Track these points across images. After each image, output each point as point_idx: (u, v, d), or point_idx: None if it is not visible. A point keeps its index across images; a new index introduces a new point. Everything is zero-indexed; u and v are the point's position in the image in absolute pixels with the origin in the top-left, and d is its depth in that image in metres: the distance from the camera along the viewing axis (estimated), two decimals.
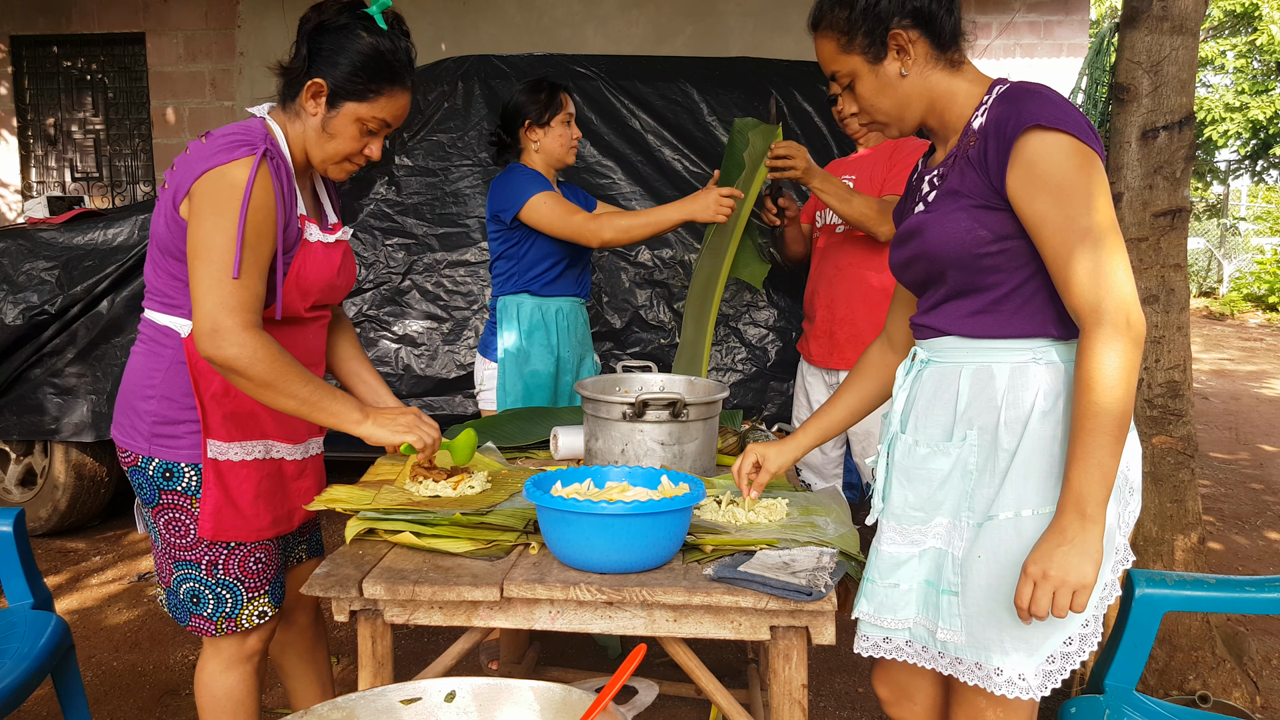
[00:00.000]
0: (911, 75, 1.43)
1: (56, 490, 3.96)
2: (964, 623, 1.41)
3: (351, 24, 1.66)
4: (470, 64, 3.98)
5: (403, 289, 3.90)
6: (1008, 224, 1.36)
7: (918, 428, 1.50)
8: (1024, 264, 1.37)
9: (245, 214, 1.57)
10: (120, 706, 2.70)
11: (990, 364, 1.41)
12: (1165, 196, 2.53)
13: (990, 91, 1.41)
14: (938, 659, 1.46)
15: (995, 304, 1.40)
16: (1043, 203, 1.29)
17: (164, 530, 1.74)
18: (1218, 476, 5.24)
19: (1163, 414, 2.56)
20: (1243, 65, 15.70)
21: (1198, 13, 2.50)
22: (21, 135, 6.92)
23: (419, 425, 1.75)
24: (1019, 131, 1.30)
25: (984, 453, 1.41)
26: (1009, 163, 1.31)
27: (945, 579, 1.44)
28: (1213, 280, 15.01)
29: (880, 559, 1.52)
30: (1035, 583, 1.28)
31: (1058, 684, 1.38)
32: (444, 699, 1.10)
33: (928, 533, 1.47)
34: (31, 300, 3.75)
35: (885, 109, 1.47)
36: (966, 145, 1.40)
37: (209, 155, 1.60)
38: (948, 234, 1.39)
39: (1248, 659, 2.66)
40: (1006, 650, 1.38)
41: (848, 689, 2.82)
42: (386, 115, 1.72)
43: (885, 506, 1.54)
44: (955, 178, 1.40)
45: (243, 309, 1.57)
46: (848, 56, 1.44)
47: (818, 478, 3.06)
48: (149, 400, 1.72)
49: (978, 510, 1.41)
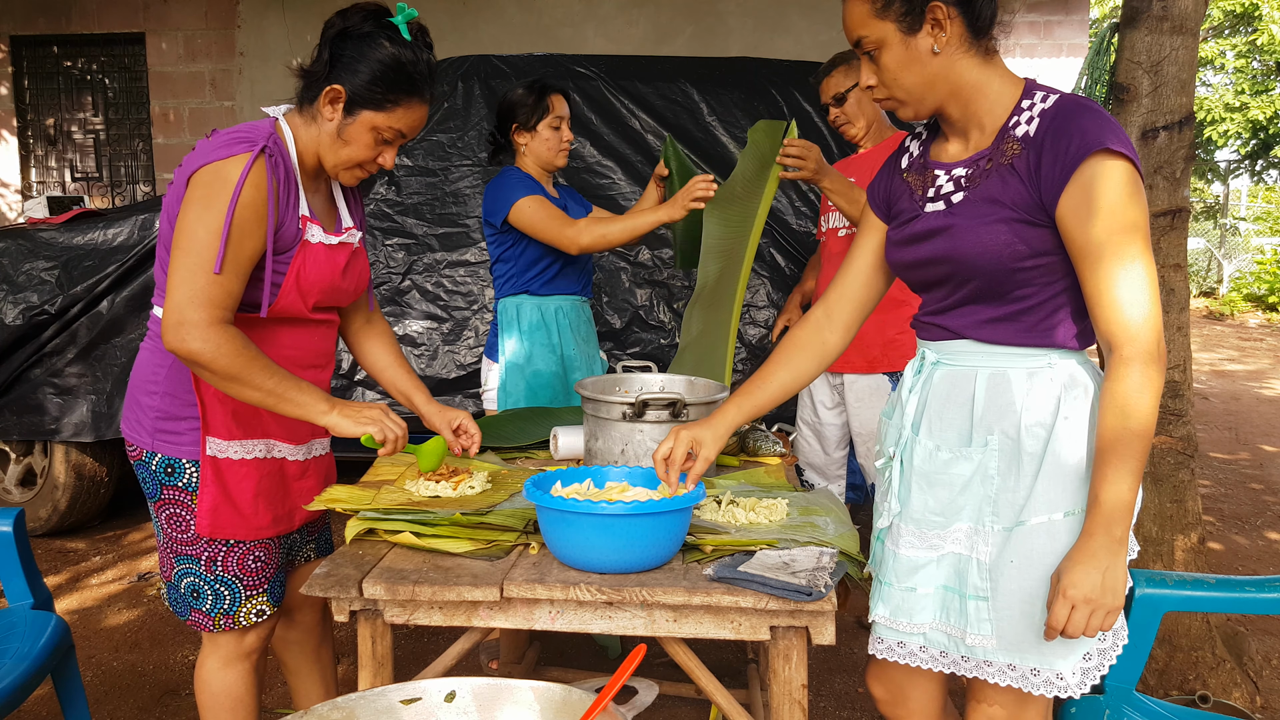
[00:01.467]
0: (943, 54, 1.36)
1: (56, 490, 3.96)
2: (994, 626, 1.41)
3: (375, 32, 1.67)
4: (470, 64, 3.98)
5: (403, 289, 3.90)
6: (1048, 240, 1.34)
7: (933, 432, 1.48)
8: (1056, 279, 1.36)
9: (233, 210, 1.57)
10: (120, 706, 2.70)
11: (1006, 369, 1.40)
12: (1165, 196, 2.53)
13: (1031, 95, 1.37)
14: (961, 663, 1.46)
15: (1017, 315, 1.39)
16: (1095, 228, 1.28)
17: (165, 525, 1.76)
18: (1218, 476, 5.24)
19: (1163, 414, 2.56)
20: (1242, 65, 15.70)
21: (1198, 13, 2.50)
22: (21, 135, 6.92)
23: (383, 419, 1.73)
24: (1085, 154, 1.27)
25: (1006, 457, 1.40)
26: (1067, 183, 1.29)
27: (971, 584, 1.43)
28: (1213, 280, 15.01)
29: (899, 563, 1.51)
30: (1074, 605, 1.29)
31: (1096, 680, 1.39)
32: (444, 699, 1.10)
33: (947, 537, 1.46)
34: (31, 300, 3.75)
35: (908, 85, 1.40)
36: (1008, 151, 1.36)
37: (209, 151, 1.61)
38: (984, 245, 1.36)
39: (1248, 659, 2.66)
40: (1043, 651, 1.38)
41: (848, 689, 2.82)
42: (402, 126, 1.72)
43: (903, 510, 1.52)
44: (995, 185, 1.36)
45: (211, 304, 1.57)
46: (880, 22, 1.37)
47: (821, 478, 3.06)
48: (152, 396, 1.74)
49: (1004, 515, 1.40)
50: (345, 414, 1.70)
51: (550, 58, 4.12)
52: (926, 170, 1.49)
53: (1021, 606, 1.39)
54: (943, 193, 1.44)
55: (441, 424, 1.98)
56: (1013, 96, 1.39)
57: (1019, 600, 1.39)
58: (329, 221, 1.81)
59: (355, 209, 1.91)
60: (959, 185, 1.42)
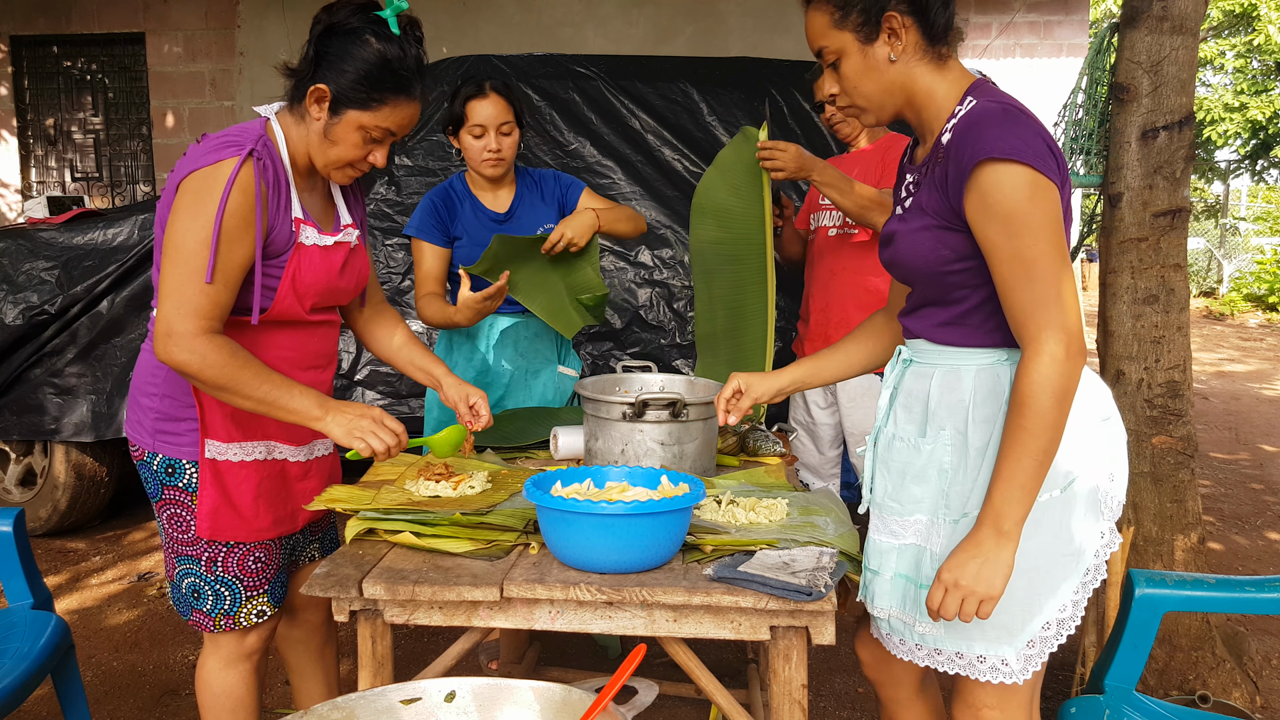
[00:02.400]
0: (900, 62, 1.43)
1: (56, 490, 3.96)
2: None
3: (361, 28, 1.62)
4: (470, 64, 3.98)
5: (403, 289, 3.90)
6: (968, 244, 1.39)
7: (896, 422, 1.55)
8: (986, 281, 1.40)
9: (220, 218, 1.55)
10: (120, 706, 2.70)
11: (958, 366, 1.46)
12: (1165, 196, 2.53)
13: (963, 101, 1.42)
14: (914, 651, 1.51)
15: (962, 317, 1.45)
16: (994, 230, 1.32)
17: (167, 525, 1.77)
18: (1218, 476, 5.24)
19: (1163, 414, 2.56)
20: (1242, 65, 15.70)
21: (1198, 13, 2.50)
22: (21, 135, 6.93)
23: (375, 431, 1.67)
24: (974, 163, 1.32)
25: (957, 452, 1.45)
26: (965, 190, 1.34)
27: (924, 574, 1.48)
28: (1213, 280, 15.00)
29: (870, 545, 1.57)
30: (947, 589, 1.35)
31: (1038, 667, 1.45)
32: (444, 699, 1.10)
33: (907, 527, 1.51)
34: (31, 300, 3.75)
35: (866, 93, 1.46)
36: (935, 161, 1.42)
37: (198, 157, 1.59)
38: (915, 250, 1.44)
39: (1248, 659, 2.66)
40: (988, 638, 1.43)
41: (848, 689, 2.82)
42: (391, 125, 1.68)
43: (871, 496, 1.58)
44: (925, 193, 1.44)
45: (199, 315, 1.56)
46: (839, 32, 1.43)
47: (815, 478, 3.06)
48: (152, 397, 1.74)
49: (954, 507, 1.45)
50: (338, 421, 1.67)
51: (550, 58, 4.11)
52: (902, 174, 1.57)
53: None
54: (902, 198, 1.53)
55: (458, 397, 1.98)
56: (954, 102, 1.43)
57: None
58: (326, 220, 1.80)
59: (355, 206, 1.89)
60: (909, 191, 1.50)
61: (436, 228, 2.46)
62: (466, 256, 2.44)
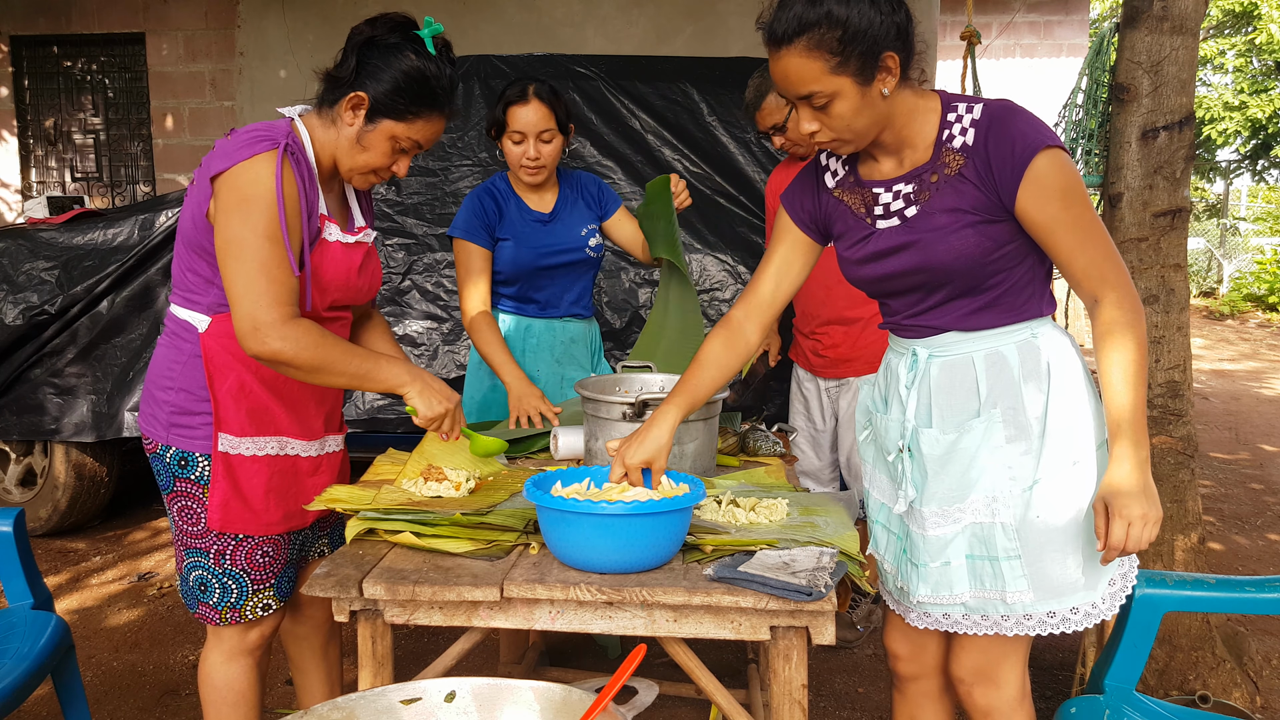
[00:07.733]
0: (890, 94, 1.47)
1: (56, 490, 3.96)
2: (1030, 581, 1.52)
3: (402, 44, 1.69)
4: (470, 64, 3.98)
5: (403, 289, 3.90)
6: (1008, 231, 1.49)
7: (944, 419, 1.57)
8: (1020, 260, 1.52)
9: (282, 205, 1.60)
10: (120, 706, 2.70)
11: (999, 347, 1.54)
12: (1165, 196, 2.53)
13: (952, 109, 1.50)
14: (1002, 623, 1.56)
15: (996, 300, 1.53)
16: (1053, 207, 1.44)
17: (177, 517, 1.79)
18: (1218, 476, 5.24)
19: (1163, 414, 2.56)
20: (1242, 65, 15.70)
21: (1198, 13, 2.50)
22: (21, 135, 6.92)
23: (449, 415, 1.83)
24: (1032, 154, 1.42)
25: (1012, 425, 1.52)
26: (1021, 182, 1.43)
27: (1000, 548, 1.53)
28: (1213, 280, 14.99)
29: (929, 544, 1.59)
30: (1130, 522, 1.42)
31: (1123, 600, 1.56)
32: (444, 699, 1.10)
33: (966, 509, 1.55)
34: (31, 300, 3.75)
35: (859, 128, 1.48)
36: (951, 163, 1.48)
37: (231, 152, 1.61)
38: (956, 250, 1.49)
39: (1248, 659, 2.66)
40: (1078, 590, 1.52)
41: (848, 689, 2.82)
42: (420, 137, 1.75)
43: (920, 495, 1.60)
44: (950, 195, 1.49)
45: (279, 303, 1.60)
46: (836, 78, 1.42)
47: (815, 484, 3.07)
48: (168, 391, 1.77)
49: (1021, 478, 1.51)
50: (424, 394, 1.79)
51: (550, 58, 4.11)
52: (863, 189, 1.59)
53: (1054, 553, 1.51)
54: (893, 210, 1.55)
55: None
56: (936, 112, 1.51)
57: (1050, 550, 1.51)
58: (343, 221, 1.84)
59: (366, 209, 1.93)
60: (909, 200, 1.53)
61: (483, 228, 2.49)
62: (510, 258, 2.48)
